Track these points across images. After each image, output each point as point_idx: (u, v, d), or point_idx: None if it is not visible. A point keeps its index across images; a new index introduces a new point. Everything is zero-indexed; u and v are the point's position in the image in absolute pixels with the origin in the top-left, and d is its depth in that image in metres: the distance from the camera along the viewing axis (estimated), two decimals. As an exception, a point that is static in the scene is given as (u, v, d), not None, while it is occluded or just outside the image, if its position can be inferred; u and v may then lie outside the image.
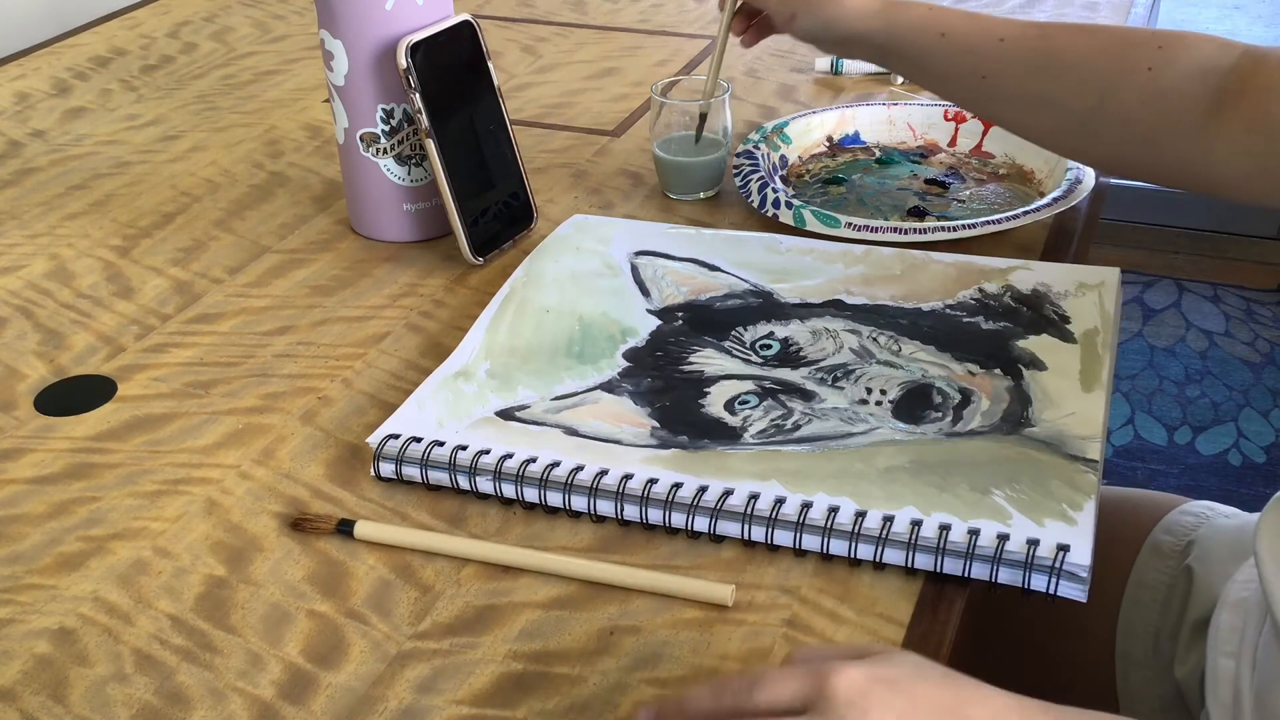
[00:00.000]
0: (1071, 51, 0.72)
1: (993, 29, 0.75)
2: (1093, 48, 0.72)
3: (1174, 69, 0.69)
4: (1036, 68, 0.73)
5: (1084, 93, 0.71)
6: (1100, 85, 0.71)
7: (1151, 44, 0.70)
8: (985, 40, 0.75)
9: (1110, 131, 0.72)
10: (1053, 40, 0.73)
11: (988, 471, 0.60)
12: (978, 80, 0.75)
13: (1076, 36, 0.73)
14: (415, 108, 0.79)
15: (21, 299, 0.82)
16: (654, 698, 0.52)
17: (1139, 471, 1.86)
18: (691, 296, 0.76)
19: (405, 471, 0.64)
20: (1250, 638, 0.66)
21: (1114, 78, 0.70)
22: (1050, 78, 0.73)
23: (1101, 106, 0.71)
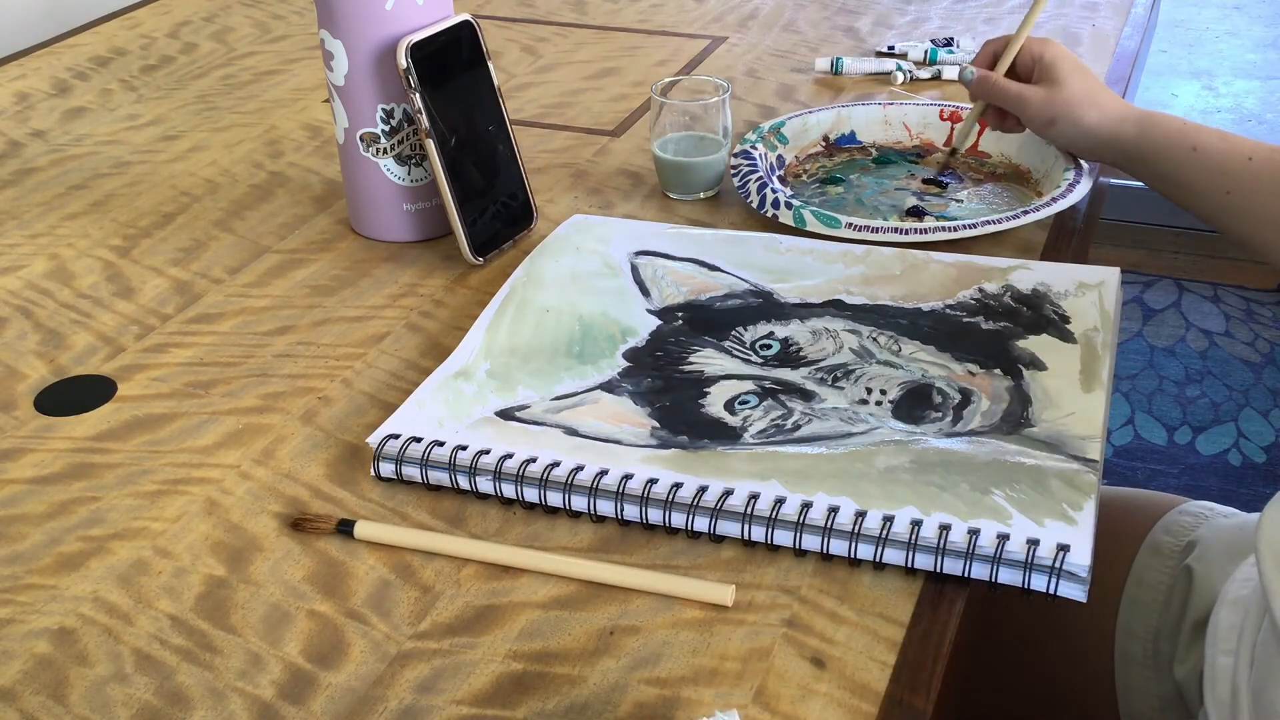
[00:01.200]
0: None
1: (1242, 148, 0.77)
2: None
3: None
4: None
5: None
6: None
7: None
8: (1235, 158, 0.77)
9: None
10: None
11: (988, 471, 0.60)
12: (1222, 196, 0.78)
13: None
14: (415, 108, 0.79)
15: (21, 299, 0.82)
16: (654, 698, 0.52)
17: (1139, 471, 1.86)
18: (691, 296, 0.76)
19: (405, 471, 0.64)
20: (1249, 635, 0.66)
21: None
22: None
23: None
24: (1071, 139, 0.84)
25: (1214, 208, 0.79)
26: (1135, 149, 0.81)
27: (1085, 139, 0.83)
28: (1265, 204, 0.76)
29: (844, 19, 1.26)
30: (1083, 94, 0.83)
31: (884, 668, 0.53)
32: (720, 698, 0.52)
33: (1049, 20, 1.23)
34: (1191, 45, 2.92)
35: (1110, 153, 0.83)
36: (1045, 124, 0.84)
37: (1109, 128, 0.82)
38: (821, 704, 0.51)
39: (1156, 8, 1.32)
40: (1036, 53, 0.86)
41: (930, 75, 1.10)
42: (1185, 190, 0.80)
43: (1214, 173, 0.78)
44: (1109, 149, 0.83)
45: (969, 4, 1.28)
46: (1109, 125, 0.82)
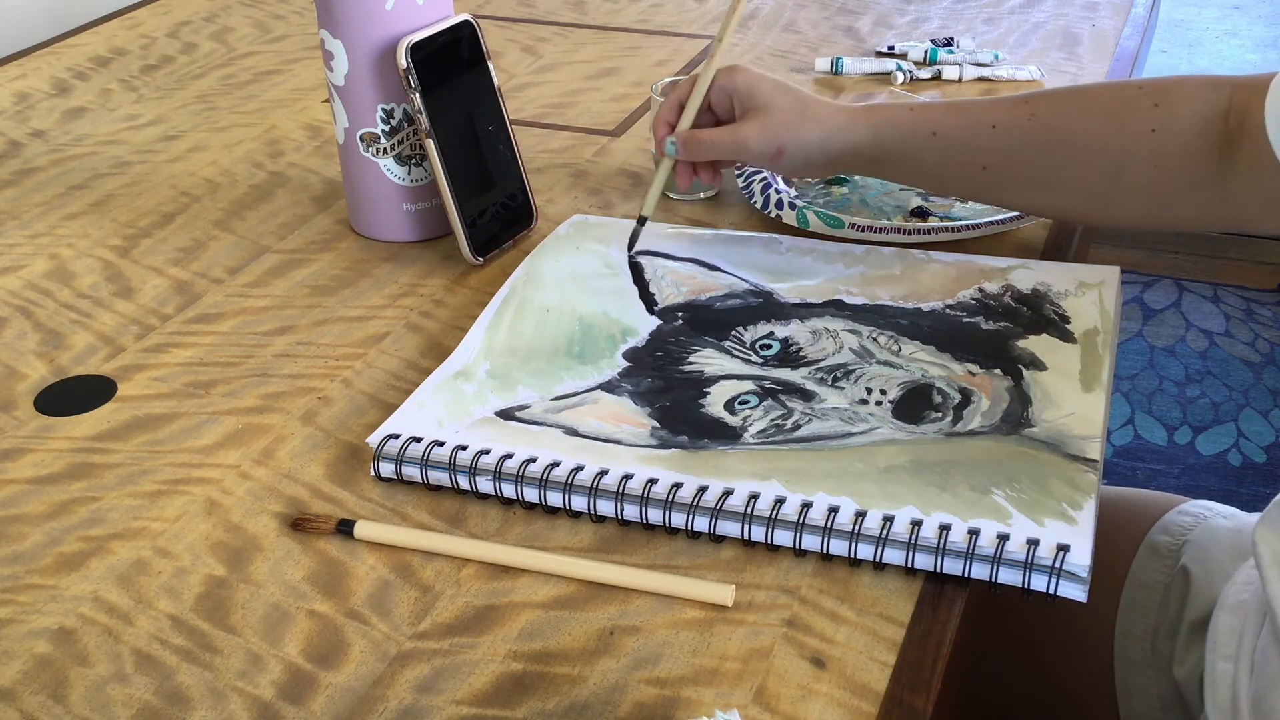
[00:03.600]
0: (1070, 130, 0.71)
1: (982, 116, 0.73)
2: (1090, 121, 0.70)
3: (1176, 125, 0.68)
4: (1039, 152, 0.71)
5: (1095, 170, 0.70)
6: (1109, 160, 0.70)
7: (1146, 103, 0.69)
8: (978, 131, 0.73)
9: (1126, 199, 0.71)
10: (1046, 120, 0.71)
11: (988, 471, 0.60)
12: (978, 173, 0.74)
13: (1069, 111, 0.71)
14: (415, 108, 0.79)
15: (21, 299, 0.82)
16: (654, 698, 0.52)
17: (1139, 471, 1.86)
18: (691, 296, 0.76)
19: (405, 471, 0.64)
20: (1248, 641, 0.66)
21: (1121, 150, 0.69)
22: (1056, 161, 0.71)
23: (1115, 180, 0.70)
24: (804, 162, 0.77)
25: (973, 186, 0.75)
26: (874, 152, 0.75)
27: (818, 157, 0.76)
28: (1026, 168, 0.72)
29: (844, 19, 1.26)
30: (797, 111, 0.75)
31: (884, 668, 0.53)
32: (720, 698, 0.52)
33: (1049, 21, 1.23)
34: (1191, 45, 2.92)
35: (848, 163, 0.77)
36: (772, 157, 0.76)
37: (839, 139, 0.75)
38: (821, 704, 0.51)
39: (1156, 8, 1.32)
40: (728, 85, 0.78)
41: (930, 75, 1.10)
42: (938, 178, 0.76)
43: (963, 152, 0.73)
44: (846, 160, 0.77)
45: (969, 4, 1.28)
46: (838, 137, 0.75)
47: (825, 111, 0.76)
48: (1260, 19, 3.02)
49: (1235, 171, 0.67)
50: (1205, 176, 0.68)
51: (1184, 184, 0.69)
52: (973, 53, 1.12)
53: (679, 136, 0.78)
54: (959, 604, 0.56)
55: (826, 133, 0.75)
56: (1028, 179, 0.73)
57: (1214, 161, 0.68)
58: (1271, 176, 0.65)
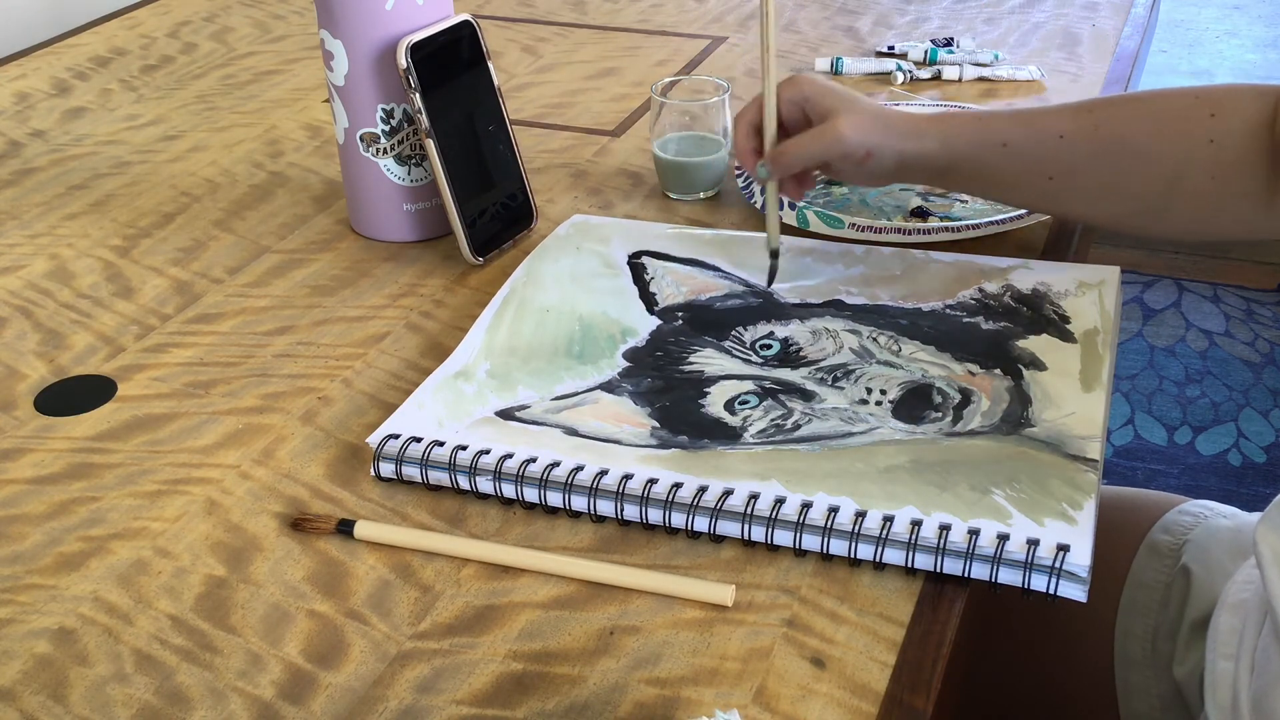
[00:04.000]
0: (1132, 136, 0.71)
1: (1049, 127, 0.73)
2: (1152, 129, 0.71)
3: (1233, 137, 0.69)
4: (1103, 161, 0.72)
5: (1154, 178, 0.71)
6: (1169, 169, 0.70)
7: (1204, 113, 0.70)
8: (1046, 141, 0.73)
9: (1181, 208, 0.72)
10: (1111, 129, 0.72)
11: (988, 471, 0.60)
12: (1045, 183, 0.74)
13: (1132, 120, 0.72)
14: (415, 108, 0.79)
15: (21, 299, 0.82)
16: (654, 698, 0.52)
17: (1139, 471, 1.86)
18: (691, 296, 0.76)
19: (405, 471, 0.64)
20: (1249, 640, 0.66)
21: (1181, 159, 0.70)
22: (1118, 167, 0.71)
23: (1172, 189, 0.71)
24: (886, 167, 0.74)
25: (1039, 196, 0.76)
26: (944, 161, 0.74)
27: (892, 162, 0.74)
28: (1091, 178, 0.73)
29: (844, 19, 1.26)
30: (876, 114, 0.74)
31: (884, 668, 0.53)
32: (720, 698, 0.52)
33: (1049, 21, 1.23)
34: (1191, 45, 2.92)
35: (917, 171, 0.76)
36: (861, 159, 0.73)
37: (912, 146, 0.74)
38: (821, 704, 0.51)
39: (1156, 8, 1.32)
40: (795, 97, 0.75)
41: (930, 75, 1.10)
42: (1007, 188, 0.76)
43: (1031, 162, 0.73)
44: (916, 168, 0.75)
45: (969, 4, 1.28)
46: (911, 143, 0.74)
47: (897, 117, 0.75)
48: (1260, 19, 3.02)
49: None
50: (1256, 186, 0.69)
51: (1236, 193, 0.70)
52: (973, 53, 1.12)
53: (768, 157, 0.75)
54: (959, 604, 0.56)
55: (901, 137, 0.74)
56: (1091, 188, 0.73)
57: (1265, 170, 0.68)
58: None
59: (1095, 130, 0.72)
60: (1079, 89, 1.08)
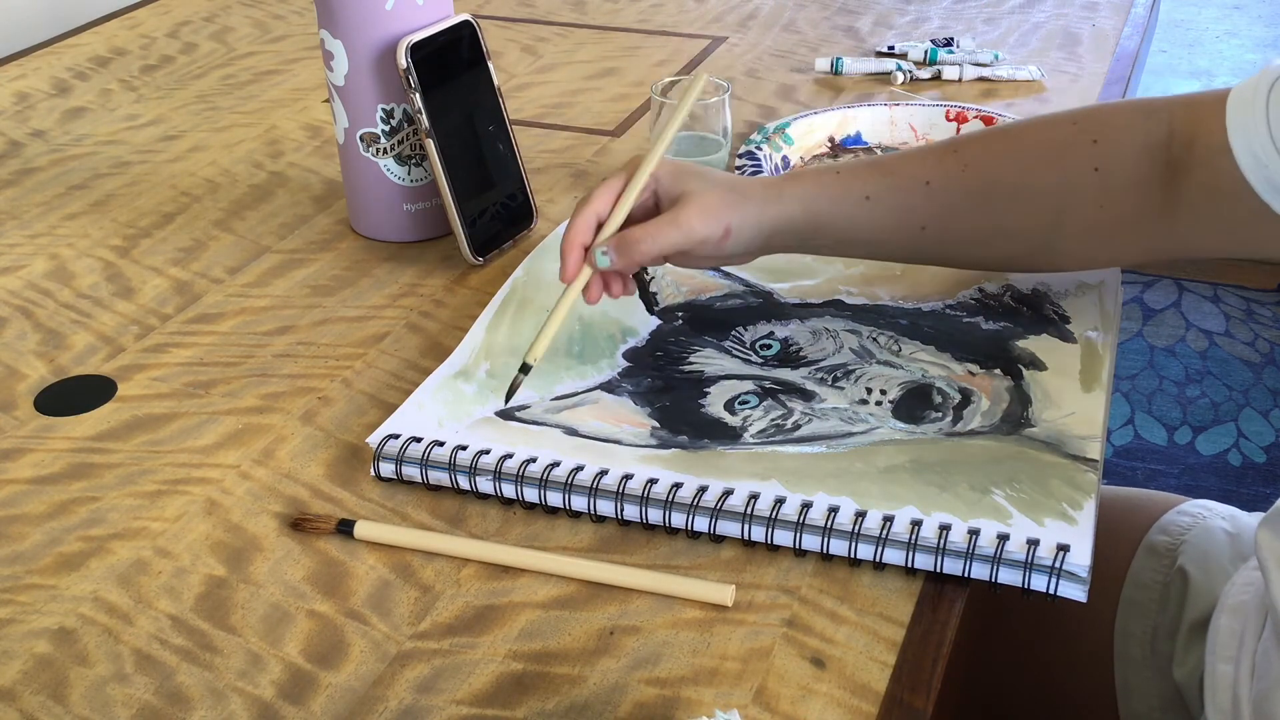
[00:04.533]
0: (1007, 176, 0.67)
1: (913, 174, 0.68)
2: (1028, 165, 0.67)
3: (1118, 161, 0.65)
4: (978, 203, 0.67)
5: (1037, 216, 0.67)
6: (1051, 203, 0.66)
7: (1084, 140, 0.66)
8: (913, 190, 0.68)
9: (1071, 242, 0.68)
10: (981, 169, 0.67)
11: (988, 471, 0.60)
12: (917, 234, 0.69)
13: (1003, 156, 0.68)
14: (415, 108, 0.79)
15: (21, 299, 0.82)
16: (654, 698, 0.52)
17: (1139, 471, 1.86)
18: (691, 296, 0.76)
19: (405, 471, 0.64)
20: (1249, 643, 0.65)
21: (1064, 191, 0.66)
22: (996, 210, 0.67)
23: (1059, 224, 0.67)
24: (746, 243, 0.68)
25: (912, 248, 0.70)
26: (805, 224, 0.68)
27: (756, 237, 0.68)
28: (965, 223, 0.68)
29: (844, 19, 1.26)
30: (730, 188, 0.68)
31: (884, 668, 0.53)
32: (720, 698, 0.52)
33: (1049, 21, 1.23)
34: (1191, 45, 2.93)
35: (782, 240, 0.69)
36: (720, 239, 0.67)
37: (771, 214, 0.68)
38: (821, 704, 0.51)
39: (1156, 8, 1.32)
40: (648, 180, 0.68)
41: (930, 75, 1.10)
42: (876, 244, 0.70)
43: (899, 213, 0.68)
44: (780, 236, 0.69)
45: (969, 4, 1.28)
46: (770, 211, 0.68)
47: (753, 185, 0.69)
48: (1260, 19, 3.02)
49: (1185, 200, 0.64)
50: (1151, 209, 0.65)
51: (1130, 219, 0.66)
52: (973, 53, 1.12)
53: (611, 242, 0.66)
54: (959, 604, 0.56)
55: (760, 207, 0.68)
56: (968, 233, 0.69)
57: (1159, 192, 0.65)
58: (1230, 199, 0.62)
59: (963, 171, 0.67)
60: (1079, 89, 1.08)
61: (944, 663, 0.54)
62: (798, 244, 0.70)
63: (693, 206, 0.66)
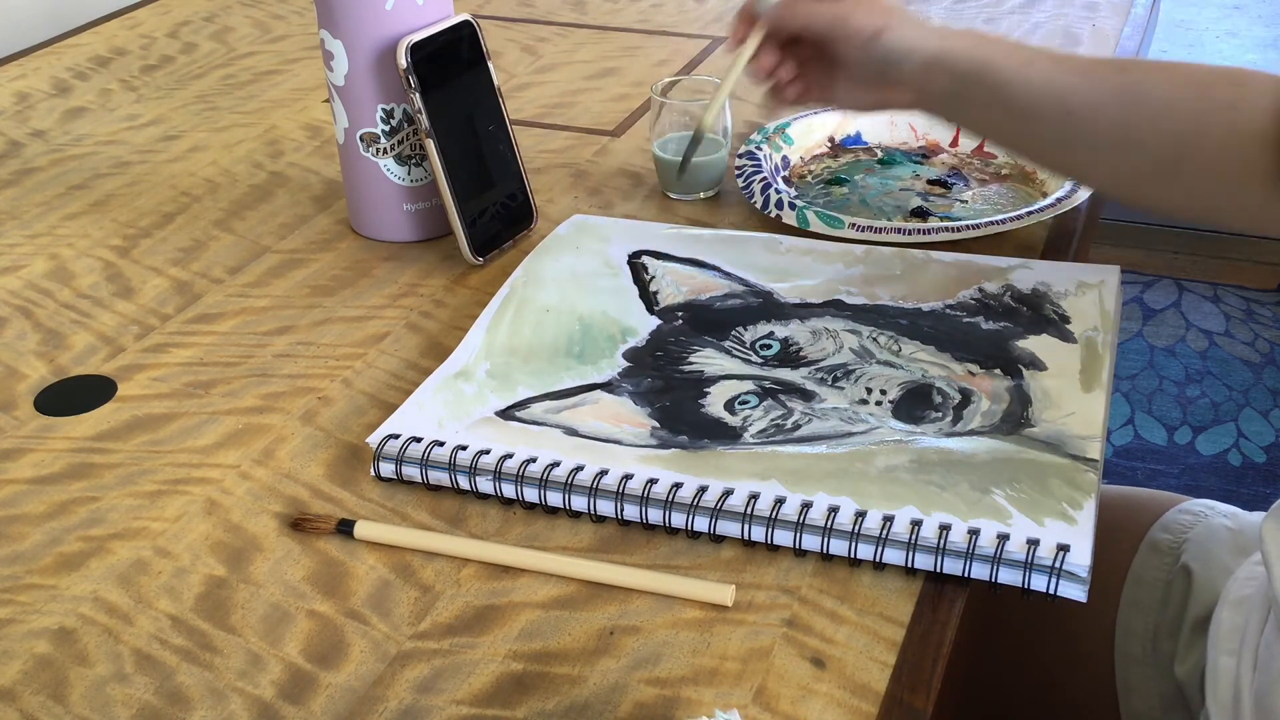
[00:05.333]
0: (1155, 84, 0.69)
1: (1079, 60, 0.70)
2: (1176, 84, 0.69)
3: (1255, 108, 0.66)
4: (1124, 104, 0.69)
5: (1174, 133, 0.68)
6: (1188, 124, 0.68)
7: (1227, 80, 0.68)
8: (1069, 71, 0.69)
9: (1193, 175, 0.69)
10: (1135, 75, 0.69)
11: (988, 471, 0.60)
12: (1064, 116, 0.69)
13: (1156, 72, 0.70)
14: (415, 108, 0.79)
15: (21, 299, 0.82)
16: (654, 698, 0.52)
17: (1139, 471, 1.86)
18: (691, 296, 0.76)
19: (405, 471, 0.64)
20: (1251, 636, 0.66)
21: (1200, 116, 0.67)
22: (1138, 115, 0.69)
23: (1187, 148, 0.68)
24: (901, 52, 0.70)
25: (1055, 134, 0.70)
26: (967, 67, 0.69)
27: (915, 52, 0.70)
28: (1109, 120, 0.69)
29: (844, 19, 1.26)
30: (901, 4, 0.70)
31: (884, 668, 0.53)
32: (720, 698, 0.52)
33: (1049, 21, 1.23)
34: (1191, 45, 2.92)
35: (933, 77, 0.70)
36: (870, 36, 0.69)
37: (934, 44, 0.69)
38: (821, 704, 0.51)
39: (1156, 8, 1.32)
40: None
41: (930, 75, 1.10)
42: (1023, 116, 0.70)
43: (1054, 88, 0.69)
44: (933, 72, 0.70)
45: (969, 4, 1.28)
46: (934, 42, 0.69)
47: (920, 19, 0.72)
48: (1260, 19, 3.02)
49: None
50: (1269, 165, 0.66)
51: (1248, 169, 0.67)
52: (973, 53, 1.12)
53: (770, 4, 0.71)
54: (959, 604, 0.56)
55: (926, 30, 0.69)
56: (1108, 133, 0.69)
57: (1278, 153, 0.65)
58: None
59: (1120, 72, 0.69)
60: (1079, 89, 1.08)
61: (944, 663, 0.54)
62: (951, 86, 0.71)
63: None
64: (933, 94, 0.72)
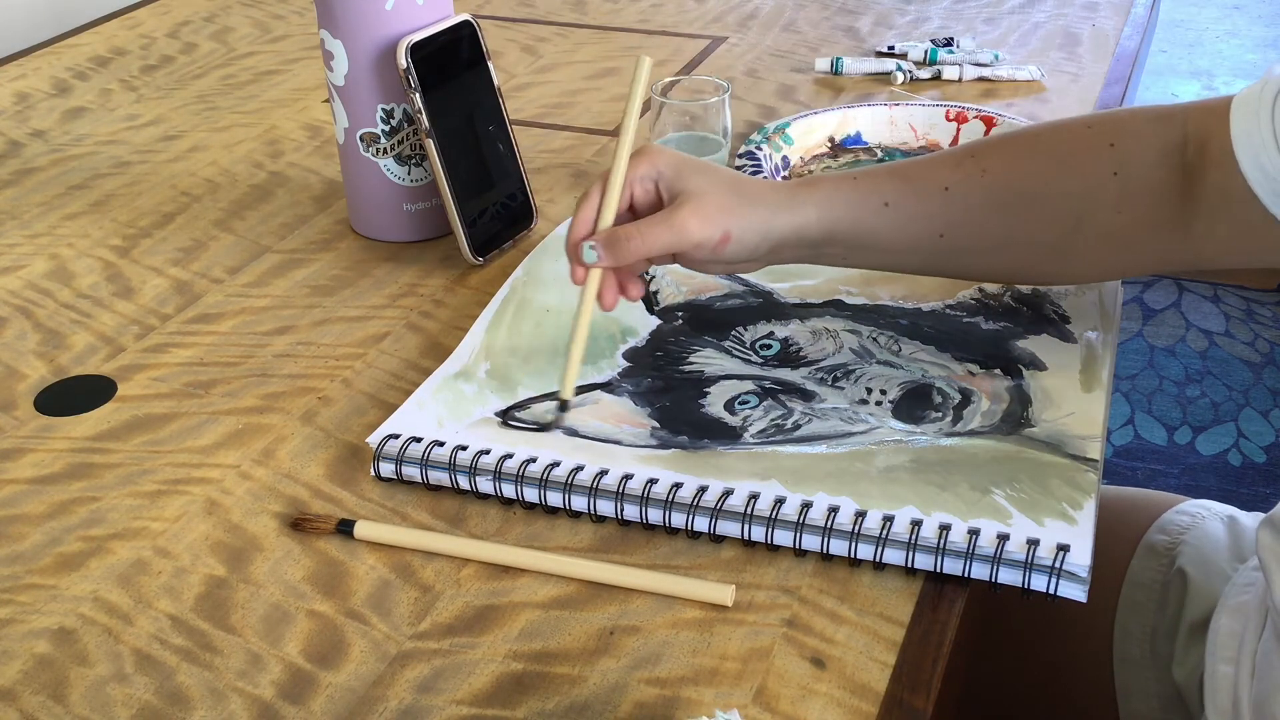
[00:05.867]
0: (1028, 182, 0.66)
1: (932, 179, 0.66)
2: (1045, 168, 0.66)
3: (1136, 165, 0.64)
4: (996, 209, 0.66)
5: (1055, 222, 0.66)
6: (1071, 208, 0.65)
7: (1101, 144, 0.65)
8: (931, 195, 0.66)
9: (1087, 250, 0.67)
10: (1000, 174, 0.66)
11: (988, 471, 0.60)
12: (936, 241, 0.66)
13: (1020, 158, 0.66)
14: (415, 108, 0.79)
15: (21, 299, 0.82)
16: (654, 698, 0.52)
17: (1139, 471, 1.86)
18: (691, 296, 0.76)
19: (405, 471, 0.64)
20: (1249, 644, 0.65)
21: (1084, 198, 0.65)
22: (1016, 216, 0.66)
23: (1077, 230, 0.66)
24: (749, 249, 0.65)
25: (932, 257, 0.68)
26: (820, 232, 0.65)
27: (762, 244, 0.65)
28: (984, 229, 0.66)
29: (844, 19, 1.26)
30: (735, 191, 0.65)
31: (884, 668, 0.53)
32: (720, 698, 0.52)
33: (1049, 21, 1.23)
34: (1191, 45, 2.92)
35: (791, 249, 0.66)
36: (717, 245, 0.64)
37: (782, 222, 0.65)
38: (821, 704, 0.51)
39: (1156, 8, 1.32)
40: (649, 173, 0.66)
41: (930, 75, 1.10)
42: (891, 253, 0.67)
43: (917, 221, 0.66)
44: (789, 245, 0.66)
45: (969, 4, 1.28)
46: (781, 218, 0.65)
47: (764, 190, 0.66)
48: (1260, 19, 3.02)
49: (1200, 205, 0.64)
50: (1168, 215, 0.64)
51: (1147, 225, 0.65)
52: (973, 53, 1.12)
53: (599, 238, 0.64)
54: (959, 604, 0.56)
55: (770, 213, 0.65)
56: (985, 241, 0.67)
57: (1176, 197, 0.64)
58: (1241, 204, 0.61)
59: (983, 177, 0.66)
60: (1079, 89, 1.08)
61: (944, 663, 0.54)
62: (809, 253, 0.67)
63: (689, 207, 0.63)
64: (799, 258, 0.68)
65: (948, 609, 0.56)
